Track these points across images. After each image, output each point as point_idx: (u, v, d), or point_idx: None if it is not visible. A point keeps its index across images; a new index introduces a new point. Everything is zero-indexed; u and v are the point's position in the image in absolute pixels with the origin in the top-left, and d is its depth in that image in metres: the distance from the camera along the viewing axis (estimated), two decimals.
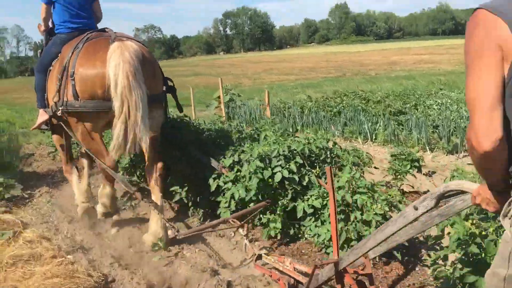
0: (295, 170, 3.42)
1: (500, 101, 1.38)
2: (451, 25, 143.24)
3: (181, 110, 4.90)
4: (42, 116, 4.35)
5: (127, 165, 5.37)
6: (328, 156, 3.56)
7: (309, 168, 3.54)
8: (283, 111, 10.63)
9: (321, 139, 3.54)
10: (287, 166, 3.44)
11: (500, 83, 1.38)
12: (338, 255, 2.45)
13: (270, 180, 3.47)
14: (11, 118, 6.19)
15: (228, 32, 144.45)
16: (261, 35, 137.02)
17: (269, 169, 3.46)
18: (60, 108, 3.80)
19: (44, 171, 7.09)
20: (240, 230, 3.54)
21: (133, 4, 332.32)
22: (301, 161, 3.45)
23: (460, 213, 2.31)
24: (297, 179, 3.43)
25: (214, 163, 4.15)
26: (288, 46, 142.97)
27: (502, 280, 1.50)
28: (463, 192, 1.80)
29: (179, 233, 3.69)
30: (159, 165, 3.87)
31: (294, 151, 3.49)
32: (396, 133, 7.38)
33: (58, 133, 4.51)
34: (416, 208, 1.92)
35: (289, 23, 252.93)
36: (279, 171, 3.42)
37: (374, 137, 7.72)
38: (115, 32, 3.98)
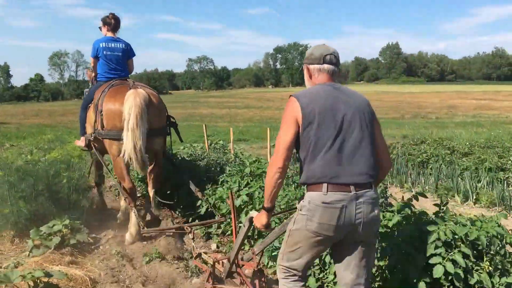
0: (463, 264, 2.55)
1: (291, 147, 2.51)
2: (507, 71, 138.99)
3: (181, 140, 6.25)
4: (81, 142, 5.68)
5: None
6: (500, 245, 2.66)
7: (475, 261, 2.68)
8: None
9: (493, 222, 2.68)
10: (450, 255, 2.59)
11: (295, 136, 2.50)
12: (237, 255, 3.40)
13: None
14: (83, 153, 5.62)
15: (278, 66, 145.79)
16: None
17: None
18: (95, 134, 5.19)
19: (108, 209, 6.53)
20: (190, 235, 4.64)
21: (187, 36, 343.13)
22: (468, 252, 2.57)
23: None
24: (462, 275, 2.56)
25: (192, 186, 5.43)
26: None
27: (289, 230, 2.60)
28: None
29: (143, 230, 4.89)
30: (157, 178, 5.45)
31: (456, 236, 2.63)
32: (503, 195, 6.37)
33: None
34: None
35: None
36: (439, 263, 2.58)
37: (474, 198, 6.72)
38: (133, 82, 5.28)
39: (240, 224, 4.00)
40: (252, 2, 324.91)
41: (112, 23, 5.67)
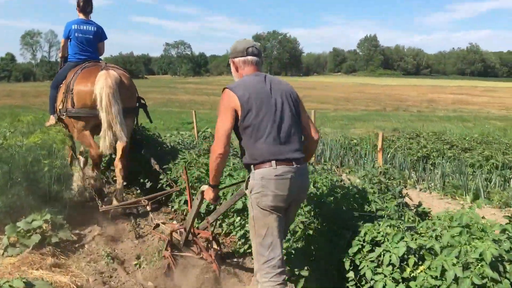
0: None
1: (230, 135, 2.75)
2: (480, 67, 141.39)
3: (151, 121, 6.65)
4: (51, 120, 5.69)
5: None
6: None
7: None
8: (347, 148, 9.37)
9: None
10: None
11: (232, 125, 2.75)
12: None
13: None
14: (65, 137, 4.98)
15: None
16: (288, 60, 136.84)
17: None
18: (64, 113, 5.32)
19: (91, 199, 5.92)
20: (148, 207, 4.92)
21: (163, 20, 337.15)
22: None
23: None
24: None
25: (152, 161, 5.45)
26: (314, 73, 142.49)
27: (251, 219, 2.78)
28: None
29: (102, 207, 4.91)
30: (124, 160, 5.34)
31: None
32: None
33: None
34: None
35: (316, 50, 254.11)
36: None
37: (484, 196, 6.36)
38: (106, 63, 5.34)
39: (194, 197, 4.02)
40: None
41: (82, 5, 5.81)
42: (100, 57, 6.06)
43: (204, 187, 3.18)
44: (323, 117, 20.91)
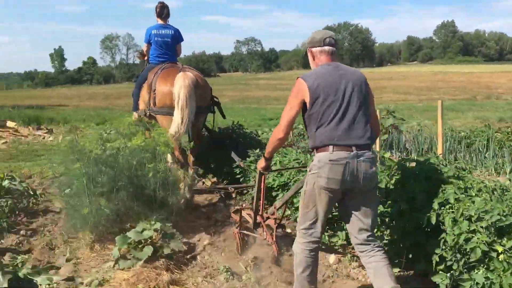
0: None
1: (293, 122, 3.05)
2: None
3: (224, 117, 6.63)
4: (134, 116, 6.07)
5: None
6: None
7: None
8: (456, 140, 8.40)
9: None
10: None
11: (297, 113, 2.99)
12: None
13: None
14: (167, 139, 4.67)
15: None
16: (360, 51, 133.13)
17: None
18: (148, 111, 5.78)
19: (198, 203, 5.59)
20: (233, 194, 5.62)
21: (232, 18, 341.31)
22: None
23: None
24: None
25: (234, 156, 5.38)
26: (388, 64, 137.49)
27: (303, 192, 3.03)
28: None
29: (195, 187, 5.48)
30: (195, 150, 5.53)
31: None
32: None
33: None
34: None
35: (389, 40, 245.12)
36: None
37: None
38: (182, 65, 5.82)
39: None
40: None
41: (159, 11, 6.36)
42: (177, 58, 6.58)
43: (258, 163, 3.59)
44: (410, 108, 19.68)
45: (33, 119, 15.70)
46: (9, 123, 12.99)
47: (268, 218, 4.01)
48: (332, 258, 3.84)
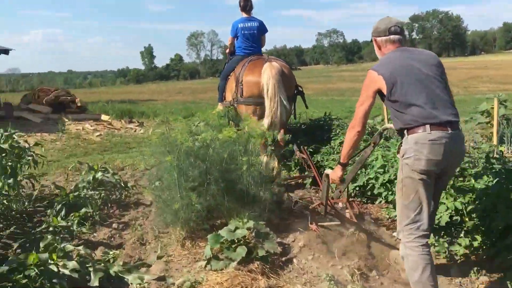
0: None
1: (368, 115, 3.00)
2: None
3: (306, 107, 6.61)
4: (219, 107, 6.21)
5: None
6: None
7: None
8: None
9: None
10: None
11: (372, 105, 2.97)
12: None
13: None
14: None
15: (414, 36, 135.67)
16: (451, 39, 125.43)
17: None
18: (235, 102, 5.90)
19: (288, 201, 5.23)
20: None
21: (311, 11, 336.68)
22: None
23: None
24: None
25: (294, 147, 5.62)
26: (482, 52, 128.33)
27: (400, 182, 2.85)
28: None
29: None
30: (282, 135, 5.23)
31: None
32: None
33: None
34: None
35: (482, 27, 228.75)
36: None
37: None
38: (268, 56, 6.06)
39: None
40: None
41: (243, 5, 6.56)
42: (262, 49, 6.73)
43: (328, 171, 3.57)
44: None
45: (125, 113, 16.24)
46: (104, 117, 13.52)
47: (335, 203, 4.27)
48: (454, 271, 3.29)
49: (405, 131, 2.80)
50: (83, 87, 79.34)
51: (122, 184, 5.51)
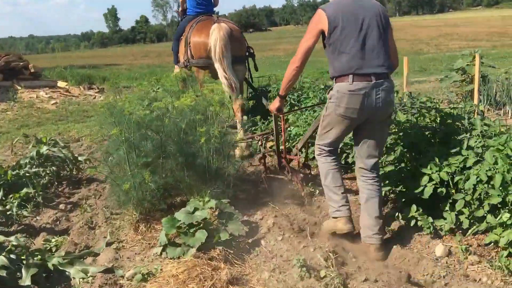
0: None
1: (309, 52, 3.06)
2: None
3: (256, 69, 6.62)
4: (176, 69, 6.15)
5: None
6: None
7: None
8: None
9: None
10: None
11: (314, 43, 3.02)
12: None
13: None
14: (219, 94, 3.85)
15: None
16: None
17: None
18: (186, 64, 5.78)
19: (252, 169, 4.81)
20: (259, 142, 4.84)
21: None
22: None
23: None
24: None
25: (264, 101, 5.64)
26: (450, 10, 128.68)
27: (322, 116, 3.19)
28: None
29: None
30: (241, 101, 5.39)
31: None
32: None
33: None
34: None
35: None
36: None
37: None
38: (217, 17, 5.90)
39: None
40: None
41: None
42: (214, 9, 6.54)
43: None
44: (486, 56, 17.76)
45: (85, 78, 15.36)
46: (60, 83, 12.63)
47: (291, 160, 4.23)
48: (439, 249, 2.94)
49: (334, 79, 3.00)
50: (45, 52, 76.03)
51: (72, 159, 4.95)
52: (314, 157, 4.06)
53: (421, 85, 10.54)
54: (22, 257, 2.96)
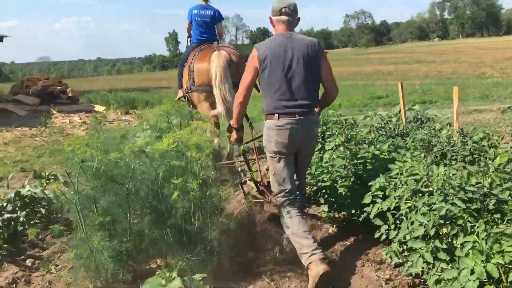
0: None
1: (250, 87, 3.28)
2: None
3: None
4: (180, 94, 6.56)
5: None
6: None
7: None
8: None
9: None
10: None
11: (253, 79, 3.26)
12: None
13: None
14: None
15: (446, 16, 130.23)
16: (485, 18, 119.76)
17: None
18: (189, 90, 6.11)
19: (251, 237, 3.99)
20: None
21: None
22: None
23: None
24: None
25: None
26: None
27: (267, 159, 3.36)
28: None
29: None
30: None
31: None
32: None
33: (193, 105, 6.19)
34: None
35: None
36: None
37: None
38: (218, 44, 6.15)
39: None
40: None
41: None
42: (217, 36, 6.72)
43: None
44: None
45: (129, 102, 15.17)
46: (97, 107, 12.45)
47: (269, 182, 4.07)
48: None
49: (264, 117, 3.25)
50: (111, 75, 79.43)
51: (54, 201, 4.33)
52: None
53: (480, 115, 9.29)
54: None
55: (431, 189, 2.71)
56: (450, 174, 2.70)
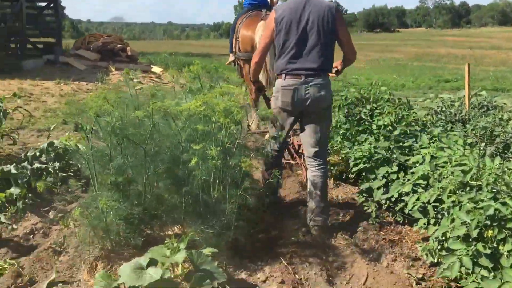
0: None
1: (266, 48, 3.38)
2: None
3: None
4: (231, 58, 6.64)
5: None
6: None
7: None
8: None
9: None
10: None
11: (270, 40, 3.30)
12: None
13: None
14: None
15: None
16: None
17: None
18: (235, 56, 6.27)
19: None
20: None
21: None
22: None
23: None
24: None
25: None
26: None
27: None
28: None
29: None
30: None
31: None
32: None
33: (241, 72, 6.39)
34: None
35: None
36: None
37: None
38: (266, 12, 5.84)
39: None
40: None
41: None
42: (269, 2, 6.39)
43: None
44: None
45: (186, 65, 15.22)
46: (155, 69, 12.51)
47: (299, 145, 4.32)
48: None
49: (276, 76, 3.36)
50: (180, 39, 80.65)
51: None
52: None
53: None
54: None
55: (480, 183, 2.32)
56: (506, 169, 2.30)
